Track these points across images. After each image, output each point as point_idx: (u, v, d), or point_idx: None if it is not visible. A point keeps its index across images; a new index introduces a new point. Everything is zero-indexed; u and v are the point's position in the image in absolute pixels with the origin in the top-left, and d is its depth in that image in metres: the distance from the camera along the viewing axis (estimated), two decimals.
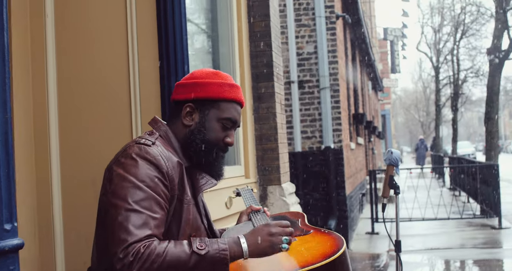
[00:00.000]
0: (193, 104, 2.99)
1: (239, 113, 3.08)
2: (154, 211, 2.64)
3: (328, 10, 12.38)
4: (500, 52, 18.83)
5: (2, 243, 2.16)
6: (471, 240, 12.97)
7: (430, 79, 53.18)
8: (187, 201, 2.89)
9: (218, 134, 2.99)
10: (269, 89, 6.03)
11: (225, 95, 3.00)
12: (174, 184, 2.80)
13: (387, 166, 4.02)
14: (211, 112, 2.98)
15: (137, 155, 2.75)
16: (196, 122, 2.99)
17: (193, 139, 2.97)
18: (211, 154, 3.00)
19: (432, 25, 40.93)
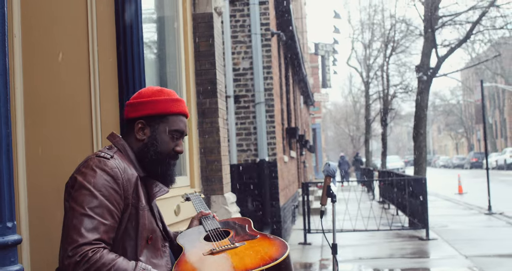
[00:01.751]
0: (144, 120, 3.38)
1: (185, 124, 3.48)
2: (105, 218, 3.02)
3: (264, 28, 12.80)
4: (428, 70, 19.48)
5: (5, 238, 2.53)
6: (400, 250, 13.47)
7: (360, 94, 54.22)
8: (142, 208, 3.27)
9: (168, 145, 3.39)
10: (212, 105, 6.42)
11: (171, 110, 3.41)
12: (129, 194, 3.19)
13: (325, 177, 4.47)
14: (160, 126, 3.38)
15: (96, 166, 3.13)
16: (148, 137, 3.39)
17: (147, 151, 3.37)
18: (164, 163, 3.39)
19: (363, 40, 41.83)
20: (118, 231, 3.18)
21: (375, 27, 39.23)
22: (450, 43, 20.88)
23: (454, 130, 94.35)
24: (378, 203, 24.91)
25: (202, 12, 6.42)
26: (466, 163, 72.96)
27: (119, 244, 3.20)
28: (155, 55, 6.09)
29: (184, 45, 6.20)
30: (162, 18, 6.22)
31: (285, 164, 15.28)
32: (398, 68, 38.19)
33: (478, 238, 14.67)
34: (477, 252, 12.59)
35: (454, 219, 19.10)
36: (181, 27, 6.17)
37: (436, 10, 19.50)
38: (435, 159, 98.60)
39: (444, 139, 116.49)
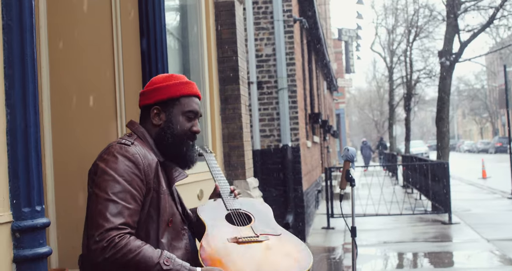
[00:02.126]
0: (159, 106, 3.49)
1: (198, 104, 3.59)
2: (128, 202, 3.14)
3: (286, 14, 12.87)
4: (451, 55, 19.47)
5: (35, 221, 2.67)
6: (423, 234, 13.56)
7: (384, 79, 54.10)
8: (163, 192, 3.39)
9: (184, 126, 3.50)
10: (235, 91, 6.53)
11: (183, 92, 3.52)
12: (150, 179, 3.31)
13: (344, 162, 4.59)
14: (175, 109, 3.49)
15: (118, 152, 3.25)
16: (164, 121, 3.49)
17: (164, 135, 3.48)
18: (183, 143, 3.50)
19: (386, 26, 41.70)
20: (141, 215, 3.29)
21: (399, 12, 39.09)
22: (473, 29, 20.84)
23: (478, 115, 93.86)
24: (402, 188, 24.97)
25: (224, 0, 6.52)
26: (491, 147, 72.64)
27: (143, 226, 3.31)
28: (178, 43, 6.21)
29: (207, 33, 6.31)
30: (184, 6, 6.33)
31: (308, 149, 15.38)
32: (422, 53, 38.07)
33: (501, 222, 14.72)
34: (500, 236, 12.65)
35: (477, 203, 19.14)
36: (203, 15, 6.28)
37: None
38: (459, 143, 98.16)
39: (469, 123, 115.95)
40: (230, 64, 6.52)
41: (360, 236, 12.90)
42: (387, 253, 11.69)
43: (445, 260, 10.82)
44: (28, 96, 2.70)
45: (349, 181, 4.58)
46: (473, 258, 10.86)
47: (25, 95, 2.69)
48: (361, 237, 12.81)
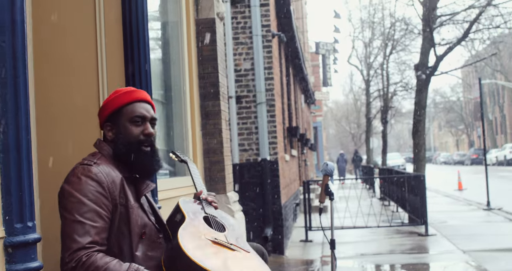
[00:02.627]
0: (109, 122, 3.63)
1: (145, 108, 3.66)
2: (95, 221, 3.27)
3: (265, 29, 13.00)
4: (427, 68, 19.69)
5: (27, 236, 2.77)
6: (400, 246, 13.71)
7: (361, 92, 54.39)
8: (131, 206, 3.51)
9: (134, 132, 3.59)
10: (215, 107, 6.65)
11: (122, 102, 3.63)
12: (115, 195, 3.43)
13: (323, 176, 4.73)
14: (121, 120, 3.60)
15: (81, 174, 3.37)
16: (115, 134, 3.62)
17: (119, 147, 3.59)
18: (139, 151, 3.58)
19: (363, 39, 42.01)
20: (111, 231, 3.41)
21: (375, 25, 39.41)
22: (448, 42, 21.09)
23: (454, 127, 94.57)
24: (379, 200, 25.12)
25: (205, 18, 6.65)
26: (467, 159, 73.20)
27: (115, 242, 3.44)
28: (160, 59, 6.32)
29: (188, 49, 6.43)
30: (166, 24, 6.45)
31: (286, 163, 15.51)
32: (398, 66, 38.43)
33: (477, 233, 14.91)
34: (475, 247, 12.82)
35: (453, 215, 19.34)
36: (184, 33, 6.40)
37: (434, 10, 19.70)
38: (436, 155, 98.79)
39: (445, 135, 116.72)
40: (211, 80, 6.65)
41: (338, 248, 12.94)
42: (365, 265, 11.82)
43: None
44: (21, 116, 2.80)
45: (328, 195, 4.72)
46: (449, 269, 11.00)
47: (18, 115, 2.79)
48: (338, 250, 12.90)
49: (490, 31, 24.15)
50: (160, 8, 6.33)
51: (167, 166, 5.83)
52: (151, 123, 3.68)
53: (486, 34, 23.74)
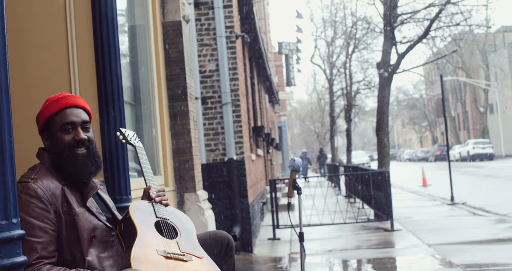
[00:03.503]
0: (44, 132, 3.72)
1: (75, 114, 3.71)
2: (39, 237, 3.39)
3: (228, 30, 13.15)
4: (389, 66, 19.97)
5: (12, 232, 2.91)
6: (366, 241, 13.92)
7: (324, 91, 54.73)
8: (76, 213, 3.59)
9: (65, 139, 3.66)
10: (183, 108, 6.81)
11: (50, 112, 3.70)
12: (57, 206, 3.53)
13: (291, 171, 4.91)
14: (53, 130, 3.68)
15: (21, 192, 3.44)
16: (49, 143, 3.70)
17: (52, 155, 3.67)
18: (68, 156, 3.64)
19: (325, 38, 42.29)
20: (61, 240, 3.53)
21: (337, 25, 39.75)
22: (409, 40, 21.40)
23: (418, 124, 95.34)
24: (345, 198, 25.34)
25: (171, 20, 6.80)
26: (431, 155, 73.87)
27: (67, 250, 3.56)
28: (128, 62, 6.45)
29: (155, 52, 6.58)
30: (134, 27, 6.59)
31: (253, 162, 15.67)
32: (361, 64, 38.82)
33: (441, 227, 15.17)
34: (440, 240, 13.07)
35: (418, 210, 19.63)
36: (151, 35, 6.55)
37: (395, 9, 19.98)
38: (400, 152, 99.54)
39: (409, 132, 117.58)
40: (178, 81, 6.80)
41: (306, 245, 13.09)
42: (332, 260, 12.00)
43: (388, 265, 11.16)
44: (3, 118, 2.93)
45: (296, 189, 4.91)
46: (415, 263, 11.22)
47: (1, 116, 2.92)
48: (306, 246, 12.99)
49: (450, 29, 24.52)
50: (127, 12, 6.47)
51: (134, 165, 5.93)
52: (83, 127, 3.72)
53: (446, 31, 24.11)
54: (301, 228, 4.94)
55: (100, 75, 4.64)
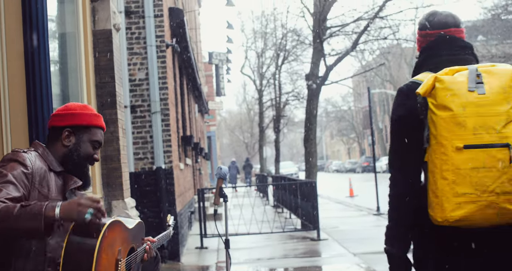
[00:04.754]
0: (71, 129, 3.90)
1: (103, 136, 4.06)
2: (9, 190, 3.46)
3: (159, 39, 13.19)
4: (318, 78, 20.24)
5: None
6: (293, 250, 14.10)
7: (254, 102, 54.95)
8: (52, 197, 3.71)
9: (89, 152, 3.94)
10: (112, 116, 6.84)
11: (94, 123, 3.98)
12: (35, 180, 3.65)
13: (217, 179, 5.01)
14: (84, 136, 3.92)
15: (10, 157, 3.67)
16: (74, 143, 3.91)
17: (71, 155, 3.89)
18: (84, 166, 3.94)
19: (256, 49, 42.55)
20: None
21: (268, 36, 40.02)
22: (338, 53, 21.72)
23: (346, 136, 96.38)
24: (272, 208, 25.54)
25: (101, 29, 6.83)
26: (358, 167, 74.70)
27: None
28: (58, 69, 6.46)
29: (85, 60, 6.60)
30: (64, 34, 6.60)
31: (181, 171, 15.70)
32: (290, 76, 39.20)
33: (367, 237, 15.45)
34: (365, 249, 13.32)
35: (345, 220, 19.93)
36: (81, 43, 6.57)
37: (324, 22, 20.25)
38: (328, 163, 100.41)
39: (337, 144, 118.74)
40: (108, 89, 6.84)
41: (233, 254, 13.22)
42: (259, 269, 12.14)
43: None
44: None
45: (222, 197, 5.01)
46: None
47: None
48: (234, 256, 13.13)
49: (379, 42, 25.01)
50: (58, 19, 6.48)
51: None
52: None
53: (375, 45, 24.56)
54: (227, 235, 5.04)
55: (30, 80, 4.68)
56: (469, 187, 3.27)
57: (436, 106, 3.35)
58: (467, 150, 3.27)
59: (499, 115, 3.29)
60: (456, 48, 3.72)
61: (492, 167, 3.26)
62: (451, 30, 3.77)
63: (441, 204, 3.31)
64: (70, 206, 3.42)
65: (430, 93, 3.38)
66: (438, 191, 3.33)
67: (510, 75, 3.37)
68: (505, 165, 3.25)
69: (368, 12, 21.36)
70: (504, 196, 3.25)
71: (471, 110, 3.30)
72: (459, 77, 3.37)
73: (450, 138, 3.30)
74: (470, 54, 3.74)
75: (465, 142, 3.27)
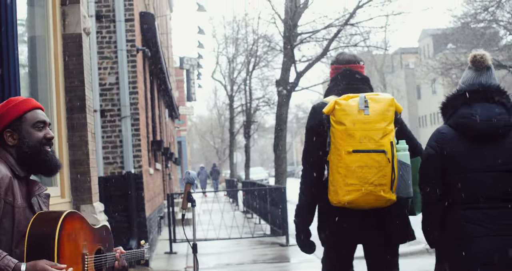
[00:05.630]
0: (9, 129, 3.84)
1: (43, 114, 3.95)
2: None
3: (129, 44, 13.16)
4: (288, 84, 20.29)
5: None
6: (262, 256, 14.14)
7: (225, 107, 54.85)
8: (18, 206, 3.70)
9: (37, 136, 3.85)
10: (81, 120, 6.83)
11: (24, 109, 3.89)
12: (1, 189, 3.61)
13: (185, 184, 5.04)
14: (23, 126, 3.85)
15: None
16: (18, 139, 3.84)
17: (23, 150, 3.82)
18: (40, 152, 3.84)
19: (227, 55, 42.52)
20: None
21: (239, 42, 40.00)
22: (308, 59, 21.79)
23: None
24: (242, 213, 25.57)
25: (71, 33, 6.83)
26: None
27: None
28: (27, 73, 6.45)
29: (55, 63, 6.60)
30: (33, 38, 6.60)
31: (151, 176, 15.68)
32: (261, 82, 39.20)
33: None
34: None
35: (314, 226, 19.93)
36: (51, 47, 6.56)
37: (295, 28, 20.30)
38: (298, 169, 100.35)
39: None
40: (77, 93, 6.83)
41: (202, 259, 13.32)
42: None
43: None
44: None
45: (190, 202, 5.04)
46: None
47: None
48: (203, 261, 13.21)
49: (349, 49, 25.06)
50: (27, 22, 6.47)
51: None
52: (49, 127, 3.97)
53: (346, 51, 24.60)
54: (195, 239, 5.08)
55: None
56: (355, 179, 4.73)
57: (335, 122, 4.84)
58: (355, 153, 4.73)
59: (378, 130, 4.77)
60: (354, 80, 5.29)
61: (372, 166, 4.72)
62: (352, 66, 5.36)
63: (336, 191, 4.81)
64: None
65: (332, 112, 4.86)
66: (334, 181, 4.83)
67: (387, 102, 4.89)
68: (381, 165, 4.73)
69: (339, 19, 21.41)
70: (380, 187, 4.73)
71: (359, 126, 4.77)
72: (352, 102, 4.86)
73: (343, 144, 4.77)
74: (365, 84, 5.33)
75: (354, 148, 4.74)
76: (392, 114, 4.84)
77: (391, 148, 4.72)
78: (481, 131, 4.62)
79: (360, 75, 5.32)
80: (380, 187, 4.71)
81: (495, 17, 36.30)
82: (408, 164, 4.86)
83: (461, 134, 4.69)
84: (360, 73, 5.34)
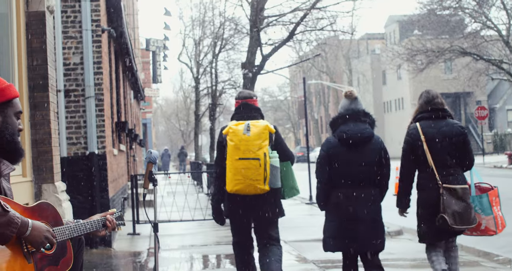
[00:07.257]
0: None
1: (20, 105, 3.98)
2: None
3: (95, 24, 13.06)
4: (254, 67, 20.31)
5: None
6: (226, 237, 14.13)
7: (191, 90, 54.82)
8: None
9: (16, 125, 3.88)
10: (44, 99, 6.80)
11: (13, 95, 3.88)
12: None
13: (147, 163, 5.05)
14: (9, 111, 3.84)
15: None
16: (1, 122, 3.81)
17: (4, 135, 3.82)
18: (16, 141, 3.88)
19: (193, 37, 42.41)
20: None
21: (206, 24, 39.92)
22: (275, 43, 21.80)
23: (282, 126, 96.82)
24: (206, 195, 25.55)
25: (35, 10, 6.78)
26: None
27: None
28: None
29: (17, 41, 6.55)
30: None
31: (115, 157, 15.63)
32: (227, 64, 39.17)
33: (298, 226, 15.60)
34: (297, 237, 13.47)
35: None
36: (14, 24, 6.51)
37: (262, 11, 20.31)
38: None
39: None
40: (40, 72, 6.79)
41: (166, 241, 13.35)
42: (192, 255, 12.20)
43: None
44: None
45: (151, 181, 5.06)
46: None
47: None
48: (167, 242, 13.25)
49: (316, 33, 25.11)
50: None
51: None
52: None
53: (312, 36, 24.67)
54: (156, 218, 5.09)
55: None
56: (240, 176, 7.17)
57: (229, 139, 7.29)
58: (241, 160, 7.16)
59: (255, 145, 7.18)
60: (248, 110, 7.64)
61: (251, 168, 7.15)
62: (248, 100, 7.76)
63: (229, 183, 7.24)
64: (38, 232, 3.60)
65: (227, 133, 7.33)
66: (227, 177, 7.26)
67: (263, 127, 7.29)
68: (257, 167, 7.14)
69: (305, 3, 21.46)
70: (257, 182, 7.16)
71: (243, 142, 7.19)
72: (239, 127, 7.29)
73: (233, 154, 7.22)
74: (257, 113, 7.69)
75: (240, 156, 7.17)
76: (266, 135, 7.27)
77: (264, 157, 7.14)
78: (352, 141, 7.14)
79: (253, 107, 7.73)
80: (257, 182, 7.15)
81: (460, 5, 36.62)
82: (276, 166, 7.31)
83: (341, 142, 7.18)
84: (253, 105, 7.75)
